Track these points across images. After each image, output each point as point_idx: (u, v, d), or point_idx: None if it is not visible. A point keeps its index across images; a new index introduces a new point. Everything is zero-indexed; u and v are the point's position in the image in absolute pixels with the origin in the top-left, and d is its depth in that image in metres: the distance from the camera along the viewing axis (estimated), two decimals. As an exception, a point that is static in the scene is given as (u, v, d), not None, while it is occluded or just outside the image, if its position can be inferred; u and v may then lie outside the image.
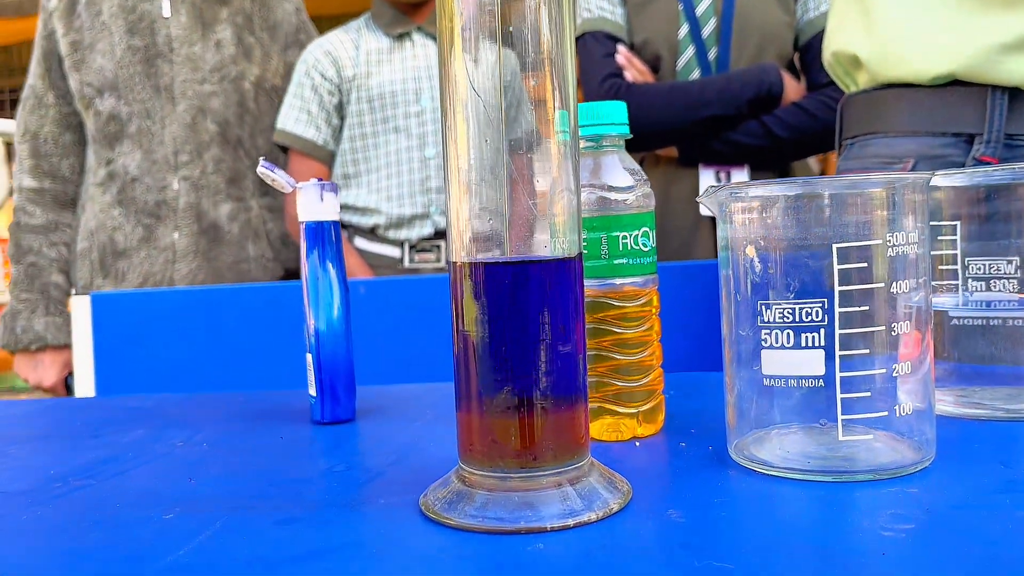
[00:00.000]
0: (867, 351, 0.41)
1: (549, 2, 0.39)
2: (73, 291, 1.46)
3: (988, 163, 0.90)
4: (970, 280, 0.55)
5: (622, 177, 0.52)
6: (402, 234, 1.39)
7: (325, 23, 1.81)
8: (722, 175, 1.40)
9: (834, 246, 0.41)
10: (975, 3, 0.89)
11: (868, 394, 0.41)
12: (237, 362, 1.08)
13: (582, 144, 0.53)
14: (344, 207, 1.42)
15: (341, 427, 0.61)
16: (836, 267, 0.41)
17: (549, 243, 0.40)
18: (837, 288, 0.41)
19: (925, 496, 0.39)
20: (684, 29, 1.39)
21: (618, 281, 0.52)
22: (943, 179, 0.55)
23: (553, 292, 0.39)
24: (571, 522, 0.37)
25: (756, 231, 0.43)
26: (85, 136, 1.46)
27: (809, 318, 0.41)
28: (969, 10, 0.89)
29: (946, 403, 0.54)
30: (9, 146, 2.75)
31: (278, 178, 0.61)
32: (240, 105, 1.41)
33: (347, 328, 0.62)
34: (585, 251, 0.52)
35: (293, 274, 1.48)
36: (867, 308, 0.41)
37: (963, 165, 0.92)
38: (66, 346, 1.41)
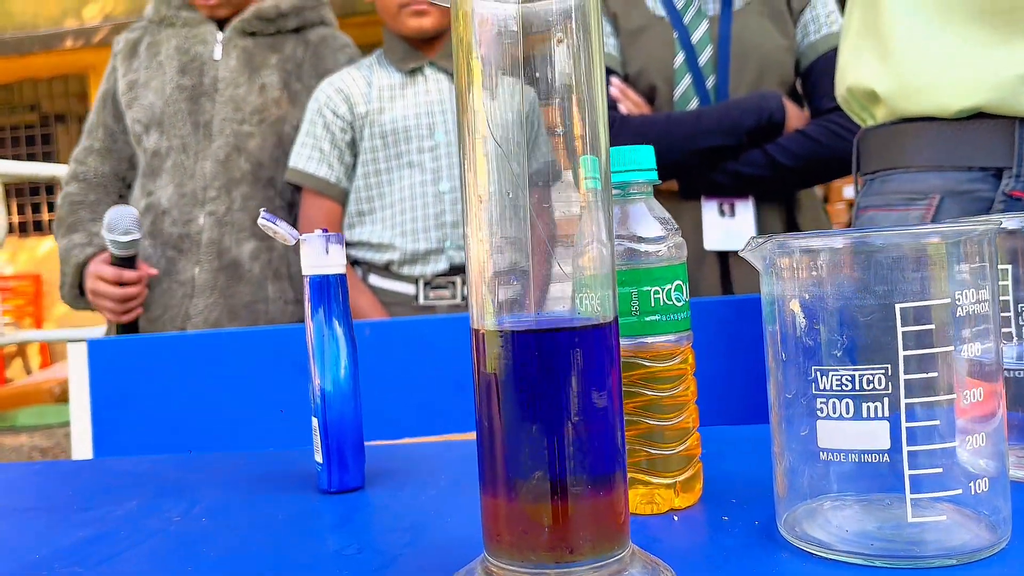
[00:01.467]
0: (937, 422, 0.37)
1: (576, 36, 0.35)
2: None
3: (1019, 199, 0.86)
4: (1025, 329, 0.51)
5: (652, 227, 0.49)
6: (416, 270, 1.37)
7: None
8: (725, 207, 1.36)
9: (897, 306, 0.37)
10: (997, 34, 0.86)
11: (940, 470, 0.37)
12: (242, 410, 1.04)
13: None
14: (359, 244, 1.41)
15: (350, 496, 0.56)
16: (900, 329, 0.37)
17: (581, 304, 0.36)
18: (901, 352, 0.37)
19: (1012, 588, 0.35)
20: (680, 58, 1.35)
21: (650, 339, 0.48)
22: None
23: (588, 361, 0.35)
24: (616, 626, 0.33)
25: (807, 288, 0.39)
26: (131, 169, 1.53)
27: (871, 386, 0.37)
28: (990, 41, 0.86)
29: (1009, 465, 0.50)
30: (7, 186, 2.75)
31: (280, 230, 0.57)
32: (278, 147, 1.44)
33: (355, 387, 0.58)
34: (613, 307, 0.48)
35: None
36: (936, 374, 0.37)
37: (992, 200, 0.88)
38: (95, 255, 1.42)
